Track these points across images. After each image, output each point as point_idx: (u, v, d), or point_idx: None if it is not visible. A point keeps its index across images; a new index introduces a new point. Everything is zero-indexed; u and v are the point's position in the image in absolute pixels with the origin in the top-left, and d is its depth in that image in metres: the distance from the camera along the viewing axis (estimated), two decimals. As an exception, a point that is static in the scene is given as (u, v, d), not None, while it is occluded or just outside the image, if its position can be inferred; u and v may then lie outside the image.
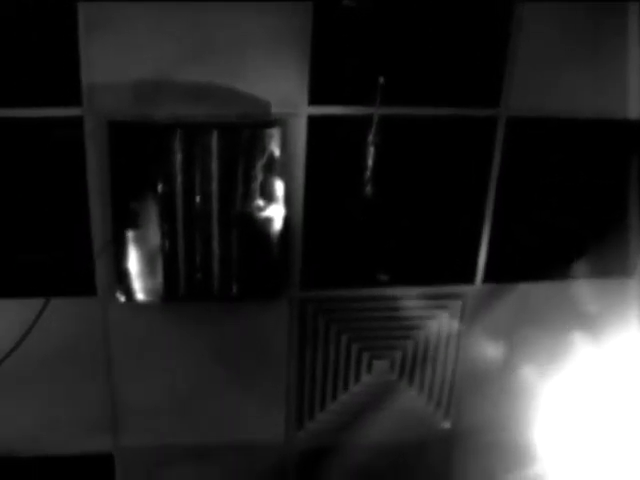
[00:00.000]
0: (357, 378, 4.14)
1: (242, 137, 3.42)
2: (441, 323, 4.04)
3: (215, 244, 3.56)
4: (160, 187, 3.47)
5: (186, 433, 4.17)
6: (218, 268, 3.60)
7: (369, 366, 4.12)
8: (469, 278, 3.97)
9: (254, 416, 4.14)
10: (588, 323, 4.21)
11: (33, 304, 3.74)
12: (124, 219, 3.54)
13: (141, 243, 3.57)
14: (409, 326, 4.02)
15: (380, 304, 3.93)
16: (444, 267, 3.93)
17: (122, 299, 3.68)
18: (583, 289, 4.12)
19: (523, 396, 4.34)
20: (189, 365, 3.96)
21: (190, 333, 3.88)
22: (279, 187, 3.52)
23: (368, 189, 3.66)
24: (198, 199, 3.49)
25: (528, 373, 4.28)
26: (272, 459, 4.30)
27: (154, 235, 3.56)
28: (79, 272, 3.73)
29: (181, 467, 4.26)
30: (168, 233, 3.55)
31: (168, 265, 3.60)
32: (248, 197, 3.52)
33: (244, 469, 4.30)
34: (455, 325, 4.05)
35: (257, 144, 3.44)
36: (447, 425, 4.37)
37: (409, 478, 4.56)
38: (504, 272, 3.99)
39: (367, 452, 4.37)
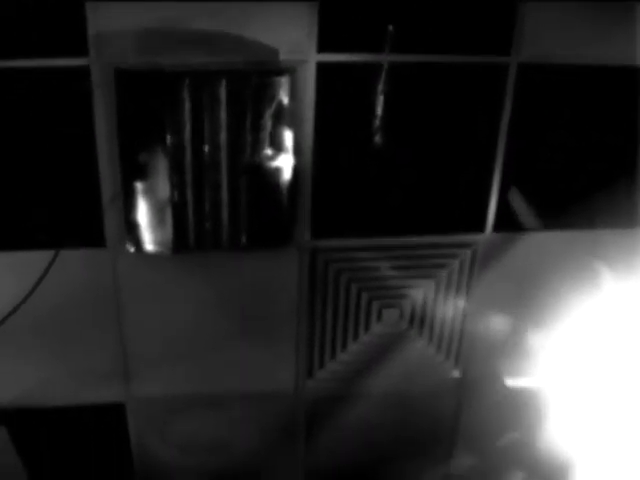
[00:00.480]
0: (367, 327, 4.17)
1: (250, 85, 3.40)
2: (451, 272, 4.06)
3: (224, 194, 3.56)
4: (168, 137, 3.46)
5: (196, 382, 4.23)
6: (227, 218, 3.61)
7: (379, 315, 4.14)
8: (479, 227, 3.98)
9: (264, 365, 4.19)
10: (597, 273, 4.22)
11: (42, 256, 3.73)
12: (132, 170, 3.55)
13: (150, 194, 3.58)
14: (419, 275, 4.04)
15: (390, 253, 3.94)
16: (454, 216, 3.94)
17: (131, 250, 3.69)
18: (592, 239, 4.13)
19: (533, 345, 4.37)
20: (199, 315, 3.99)
21: (200, 283, 3.90)
22: (288, 136, 3.52)
23: (377, 138, 3.66)
24: (207, 149, 3.48)
25: (538, 322, 4.31)
26: (282, 408, 4.36)
27: (163, 186, 3.56)
28: (88, 224, 3.74)
29: (192, 416, 4.32)
30: (177, 183, 3.55)
31: (177, 215, 3.61)
32: (257, 146, 3.51)
33: (254, 418, 4.37)
34: (465, 274, 4.06)
35: (266, 92, 3.43)
36: (456, 374, 4.41)
37: (418, 427, 4.61)
38: (514, 221, 3.99)
39: (376, 401, 4.42)
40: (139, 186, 3.58)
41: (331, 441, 4.52)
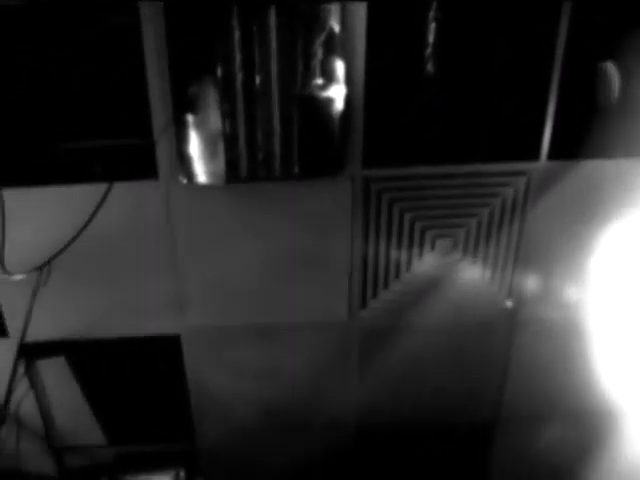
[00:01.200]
0: (420, 257, 4.17)
1: (300, 13, 3.39)
2: (505, 200, 4.04)
3: (276, 124, 3.58)
4: (219, 68, 3.48)
5: (250, 313, 4.31)
6: (279, 148, 3.64)
7: (432, 244, 4.16)
8: (534, 155, 3.95)
9: (318, 295, 4.25)
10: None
11: (96, 189, 3.80)
12: (184, 102, 3.58)
13: (202, 126, 3.61)
14: (473, 204, 4.04)
15: (444, 182, 3.94)
16: (508, 144, 3.91)
17: (184, 182, 3.74)
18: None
19: (586, 274, 4.35)
20: (252, 245, 4.05)
21: (252, 214, 3.95)
22: (339, 65, 3.51)
23: (430, 66, 3.63)
24: (258, 79, 3.50)
25: (591, 251, 4.29)
26: (335, 338, 4.42)
27: (214, 117, 3.59)
28: (140, 156, 3.79)
29: (245, 346, 4.40)
30: (228, 114, 3.57)
31: (229, 146, 3.64)
32: (308, 76, 3.51)
33: (308, 348, 4.43)
34: (519, 202, 4.04)
35: (316, 20, 3.42)
36: (510, 304, 4.41)
37: (471, 358, 4.65)
38: (569, 149, 3.96)
39: (429, 331, 4.45)
40: (190, 118, 3.61)
41: (383, 371, 4.57)
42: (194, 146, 3.63)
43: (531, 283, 4.35)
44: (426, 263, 4.22)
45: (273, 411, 4.69)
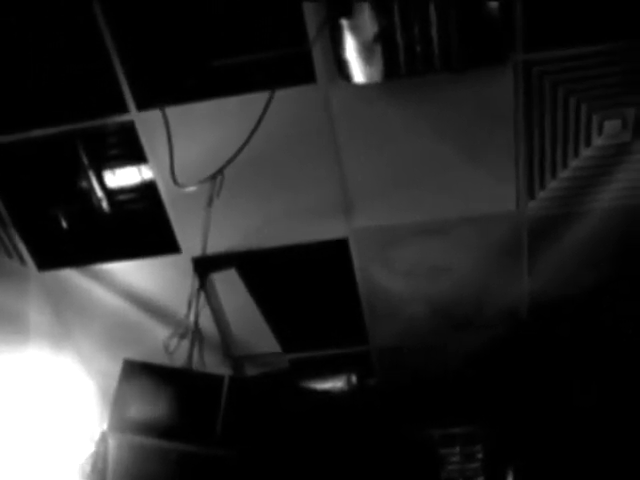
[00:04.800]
0: (588, 142, 4.20)
1: None
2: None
3: (432, 13, 3.65)
4: (370, -37, 3.56)
5: (417, 210, 4.48)
6: (437, 38, 3.70)
7: (600, 128, 4.15)
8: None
9: (485, 188, 4.35)
10: None
11: (257, 99, 4.00)
12: (337, 4, 3.67)
13: (357, 25, 3.71)
14: (642, 80, 3.98)
15: (609, 59, 3.91)
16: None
17: (343, 82, 3.87)
18: None
19: None
20: (415, 142, 4.18)
21: (414, 110, 4.07)
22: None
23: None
24: (411, -31, 3.56)
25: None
26: (504, 230, 4.53)
27: (369, 16, 3.68)
28: (298, 63, 3.96)
29: (414, 243, 4.57)
30: (383, 10, 3.65)
31: (386, 42, 3.73)
32: (462, -39, 3.55)
33: (477, 241, 4.56)
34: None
35: None
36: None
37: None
38: None
39: (599, 218, 4.48)
40: (345, 19, 3.72)
41: (554, 261, 4.65)
42: (350, 46, 3.75)
43: None
44: (594, 147, 4.20)
45: (443, 308, 4.82)
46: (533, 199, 4.37)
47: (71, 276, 4.95)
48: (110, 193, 4.62)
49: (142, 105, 4.15)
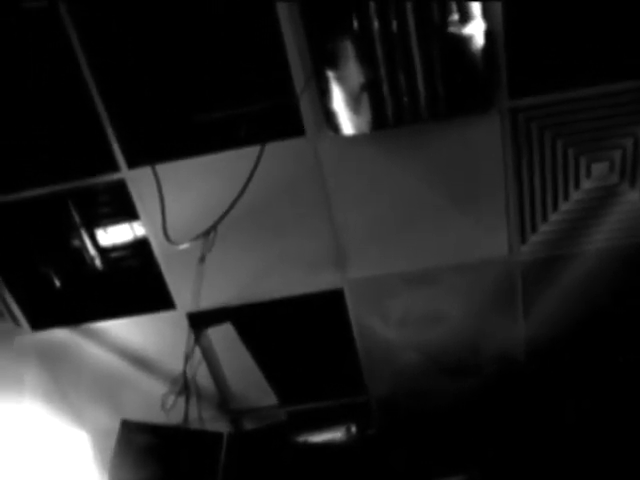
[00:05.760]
0: (577, 185, 4.27)
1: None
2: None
3: (418, 65, 3.74)
4: (354, 19, 3.65)
5: (409, 259, 4.53)
6: (423, 89, 3.81)
7: (588, 170, 4.22)
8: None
9: (476, 233, 4.41)
10: None
11: (245, 154, 4.09)
12: (322, 57, 3.78)
13: (343, 78, 3.81)
14: (628, 122, 4.06)
15: (594, 103, 4.00)
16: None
17: (331, 134, 3.96)
18: None
19: None
20: (405, 190, 4.24)
21: (402, 159, 4.14)
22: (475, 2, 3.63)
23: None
24: (394, 24, 3.66)
25: None
26: (498, 275, 4.58)
27: (355, 68, 3.79)
28: (286, 116, 4.04)
29: (407, 293, 4.62)
30: (369, 63, 3.76)
31: (373, 94, 3.84)
32: (445, 13, 3.65)
33: (471, 287, 4.60)
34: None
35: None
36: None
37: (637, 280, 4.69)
38: None
39: (592, 258, 4.53)
40: (331, 72, 3.82)
41: (549, 302, 4.69)
42: (337, 99, 3.84)
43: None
44: (583, 190, 4.27)
45: (439, 355, 4.86)
46: (525, 243, 4.41)
47: (65, 335, 4.98)
48: (103, 251, 4.66)
49: (133, 163, 4.22)
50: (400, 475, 4.53)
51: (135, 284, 4.72)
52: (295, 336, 4.83)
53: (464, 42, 3.69)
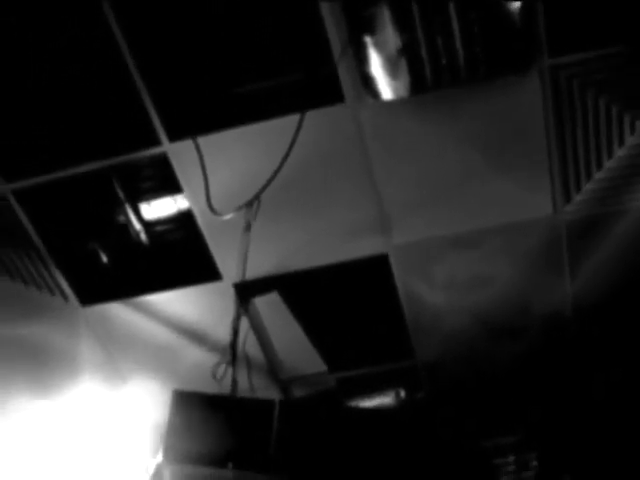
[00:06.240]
0: (621, 142, 4.22)
1: None
2: None
3: (455, 25, 3.70)
4: (389, -20, 3.63)
5: (453, 222, 4.54)
6: (462, 49, 3.76)
7: (632, 127, 4.18)
8: None
9: (520, 194, 4.39)
10: None
11: (288, 121, 4.11)
12: (359, 24, 3.75)
13: (380, 43, 3.79)
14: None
15: (635, 57, 3.92)
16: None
17: (370, 100, 3.94)
18: None
19: None
20: (447, 154, 4.24)
21: (443, 122, 4.13)
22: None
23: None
24: (430, -18, 3.62)
25: None
26: (543, 234, 4.56)
27: (392, 32, 3.75)
28: (325, 84, 4.05)
29: (453, 256, 4.61)
30: (405, 26, 3.72)
31: (411, 57, 3.80)
32: (481, -29, 3.60)
33: (516, 248, 4.60)
34: None
35: None
36: None
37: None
38: None
39: (636, 215, 4.48)
40: (368, 37, 3.79)
41: (595, 260, 4.66)
42: (375, 64, 3.82)
43: None
44: (627, 146, 4.22)
45: (486, 317, 4.86)
46: (569, 202, 4.38)
47: (114, 309, 5.04)
48: (148, 225, 4.72)
49: (174, 136, 4.25)
50: (449, 438, 4.54)
51: (181, 256, 4.78)
52: (342, 303, 4.86)
53: (501, 1, 3.63)
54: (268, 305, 4.82)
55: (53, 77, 4.08)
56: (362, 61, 3.85)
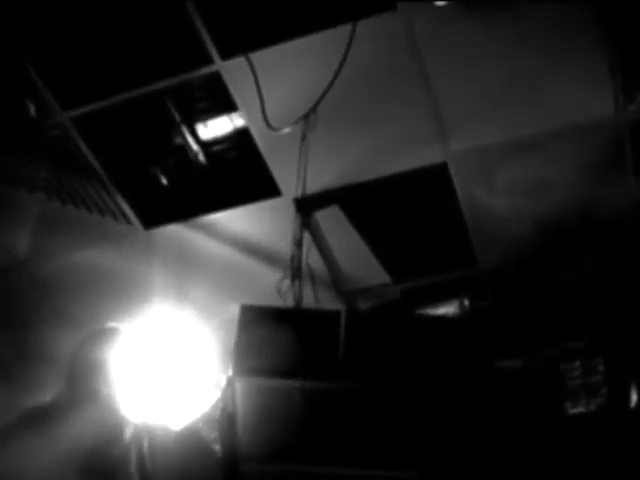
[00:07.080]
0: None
1: None
2: None
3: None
4: None
5: (512, 128, 4.48)
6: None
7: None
8: None
9: (580, 96, 4.31)
10: None
11: (340, 32, 4.08)
12: None
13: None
14: None
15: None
16: None
17: (422, 4, 3.87)
18: None
19: None
20: (503, 59, 4.17)
21: (498, 25, 4.04)
22: None
23: None
24: None
25: None
26: (605, 137, 4.48)
27: None
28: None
29: (513, 162, 4.57)
30: None
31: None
32: None
33: (577, 152, 4.54)
34: None
35: None
36: None
37: None
38: None
39: None
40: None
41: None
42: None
43: None
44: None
45: (549, 224, 4.82)
46: (632, 102, 4.28)
47: (177, 231, 5.13)
48: (205, 145, 4.76)
49: (226, 54, 4.24)
50: (514, 346, 4.57)
51: (239, 175, 4.82)
52: (403, 214, 4.88)
53: None
54: (329, 219, 4.83)
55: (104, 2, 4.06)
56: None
